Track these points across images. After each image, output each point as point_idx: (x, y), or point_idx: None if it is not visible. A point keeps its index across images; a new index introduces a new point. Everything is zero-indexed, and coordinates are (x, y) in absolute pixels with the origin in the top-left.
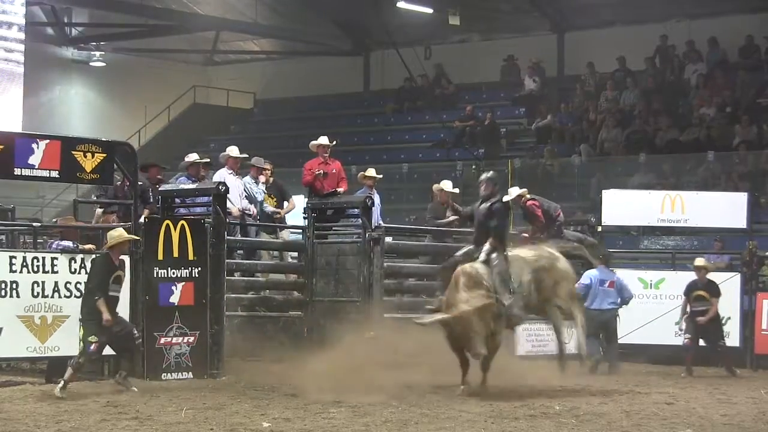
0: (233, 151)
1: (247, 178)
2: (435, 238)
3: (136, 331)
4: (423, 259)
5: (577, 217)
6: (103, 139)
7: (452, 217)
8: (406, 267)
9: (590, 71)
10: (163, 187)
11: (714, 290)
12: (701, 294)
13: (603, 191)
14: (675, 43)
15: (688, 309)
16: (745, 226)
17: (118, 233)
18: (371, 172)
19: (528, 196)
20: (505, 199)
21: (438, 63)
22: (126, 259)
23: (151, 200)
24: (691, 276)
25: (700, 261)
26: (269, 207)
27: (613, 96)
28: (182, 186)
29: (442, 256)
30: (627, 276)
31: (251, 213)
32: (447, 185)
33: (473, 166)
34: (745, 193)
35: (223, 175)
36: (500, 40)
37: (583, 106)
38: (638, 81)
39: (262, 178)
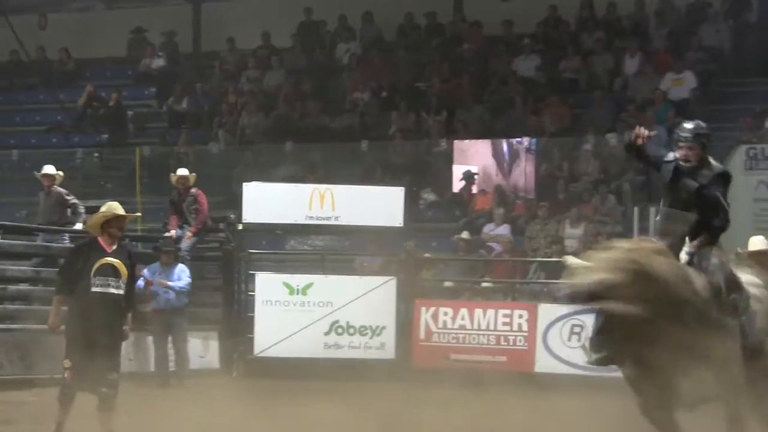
0: None
1: None
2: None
3: (115, 374)
4: (35, 261)
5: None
6: None
7: None
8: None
9: (230, 48)
10: None
11: None
12: None
13: (244, 184)
14: (325, 18)
15: None
16: (401, 225)
17: (106, 207)
18: None
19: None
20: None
21: (55, 34)
22: None
23: None
24: (342, 281)
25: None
26: None
27: (255, 76)
28: None
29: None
30: (272, 280)
31: None
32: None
33: (95, 154)
34: (402, 188)
35: None
36: (127, 9)
37: (222, 87)
38: (284, 60)
39: None
